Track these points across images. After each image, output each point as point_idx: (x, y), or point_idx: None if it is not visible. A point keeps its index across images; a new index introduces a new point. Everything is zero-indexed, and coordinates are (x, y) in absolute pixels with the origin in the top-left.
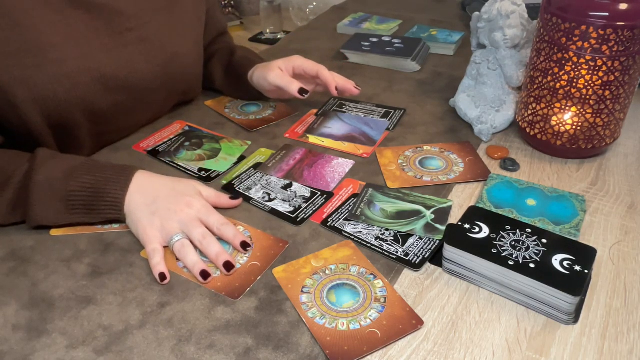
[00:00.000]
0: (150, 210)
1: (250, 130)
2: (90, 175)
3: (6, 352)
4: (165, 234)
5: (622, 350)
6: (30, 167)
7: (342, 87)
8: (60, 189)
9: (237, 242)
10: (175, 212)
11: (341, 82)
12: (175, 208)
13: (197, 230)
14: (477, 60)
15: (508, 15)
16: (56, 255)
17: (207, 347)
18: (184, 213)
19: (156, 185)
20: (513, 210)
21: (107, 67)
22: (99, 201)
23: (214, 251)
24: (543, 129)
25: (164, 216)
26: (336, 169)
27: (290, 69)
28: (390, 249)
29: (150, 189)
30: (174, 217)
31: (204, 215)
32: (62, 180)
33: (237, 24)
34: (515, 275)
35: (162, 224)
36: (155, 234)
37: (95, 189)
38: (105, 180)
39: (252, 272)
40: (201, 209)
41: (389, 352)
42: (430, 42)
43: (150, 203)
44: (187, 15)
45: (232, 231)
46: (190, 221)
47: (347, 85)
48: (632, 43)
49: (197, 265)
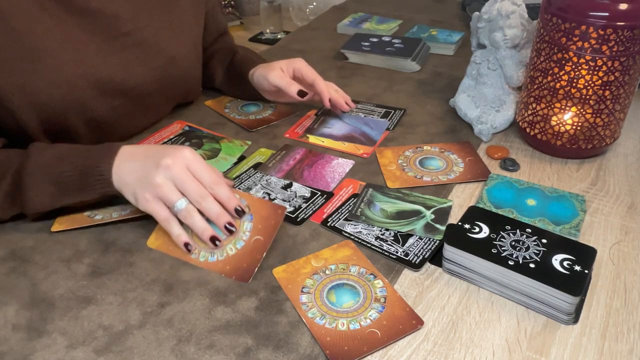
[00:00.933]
0: (140, 177)
1: (250, 130)
2: (79, 155)
3: (6, 352)
4: (168, 201)
5: (622, 350)
6: (23, 158)
7: (334, 100)
8: (52, 173)
9: (232, 206)
10: (166, 168)
11: (335, 95)
12: (164, 162)
13: (193, 188)
14: (477, 60)
15: (508, 15)
16: (56, 255)
17: (207, 347)
18: (174, 164)
19: (142, 149)
20: (513, 210)
21: (104, 72)
22: (88, 177)
23: (215, 212)
24: (543, 129)
25: (153, 177)
26: (336, 169)
27: (290, 71)
28: (390, 249)
29: (136, 156)
30: (165, 174)
31: (196, 168)
32: (53, 164)
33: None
34: (515, 275)
35: (156, 193)
36: (158, 205)
37: (83, 166)
38: (93, 157)
39: (257, 249)
40: (192, 159)
41: (389, 352)
42: (430, 42)
43: (139, 168)
44: (184, 18)
45: (226, 192)
46: (185, 177)
47: (339, 100)
48: (632, 43)
49: (206, 231)
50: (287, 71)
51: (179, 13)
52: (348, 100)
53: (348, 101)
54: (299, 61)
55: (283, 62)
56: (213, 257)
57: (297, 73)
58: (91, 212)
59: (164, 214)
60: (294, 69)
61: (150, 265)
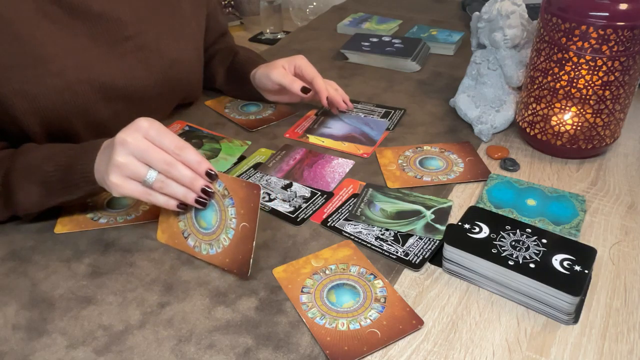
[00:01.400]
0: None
1: (250, 130)
2: (65, 155)
3: (6, 352)
4: (136, 177)
5: (622, 350)
6: (13, 159)
7: (332, 98)
8: (38, 173)
9: (202, 169)
10: (123, 144)
11: (333, 93)
12: (119, 139)
13: (157, 157)
14: (477, 60)
15: (508, 15)
16: (56, 255)
17: (207, 347)
18: (130, 137)
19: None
20: (513, 210)
21: (106, 77)
22: (72, 176)
23: (188, 177)
24: (543, 129)
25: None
26: (336, 169)
27: (292, 68)
28: (390, 249)
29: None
30: (124, 148)
31: (155, 136)
32: (39, 164)
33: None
34: (515, 275)
35: (122, 172)
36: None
37: (67, 165)
38: (76, 156)
39: (247, 236)
40: (149, 127)
41: (389, 352)
42: (430, 42)
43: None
44: (186, 21)
45: (194, 156)
46: (145, 147)
47: (337, 98)
48: (632, 43)
49: (189, 194)
50: (289, 69)
51: (180, 16)
52: (346, 99)
53: (346, 101)
54: (299, 58)
55: (284, 60)
56: (212, 249)
57: (298, 70)
58: (94, 214)
59: (139, 189)
60: (295, 66)
61: (150, 265)
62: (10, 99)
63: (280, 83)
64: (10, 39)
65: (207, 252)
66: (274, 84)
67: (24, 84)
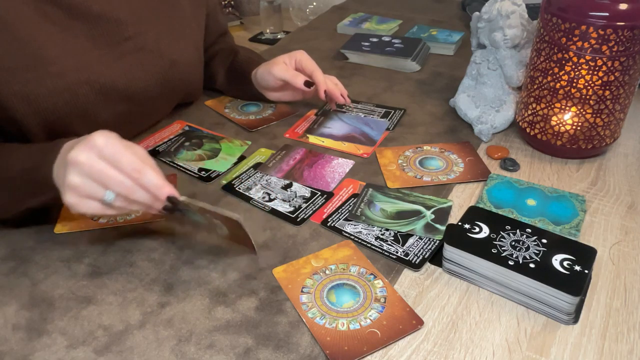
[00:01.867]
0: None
1: (250, 130)
2: (28, 157)
3: (6, 352)
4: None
5: (622, 350)
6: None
7: (330, 92)
8: (3, 178)
9: (163, 195)
10: (76, 165)
11: (331, 87)
12: (72, 159)
13: (114, 181)
14: (477, 60)
15: (508, 15)
16: (56, 255)
17: (207, 347)
18: (84, 157)
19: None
20: (513, 210)
21: (106, 78)
22: (33, 183)
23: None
24: (543, 129)
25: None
26: (336, 169)
27: (293, 63)
28: (390, 249)
29: (63, 152)
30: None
31: (111, 155)
32: (5, 168)
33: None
34: (515, 275)
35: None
36: (86, 203)
37: (28, 170)
38: (38, 161)
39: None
40: (104, 145)
41: (389, 352)
42: (430, 42)
43: (60, 170)
44: (186, 22)
45: (154, 179)
46: (100, 170)
47: (335, 92)
48: (632, 43)
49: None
50: (290, 63)
51: (180, 16)
52: (345, 94)
53: (344, 95)
54: (300, 53)
55: (285, 55)
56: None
57: (298, 65)
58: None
59: (99, 207)
60: (296, 61)
61: (150, 265)
62: (11, 101)
63: (282, 78)
64: (10, 40)
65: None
66: (277, 80)
67: (24, 86)
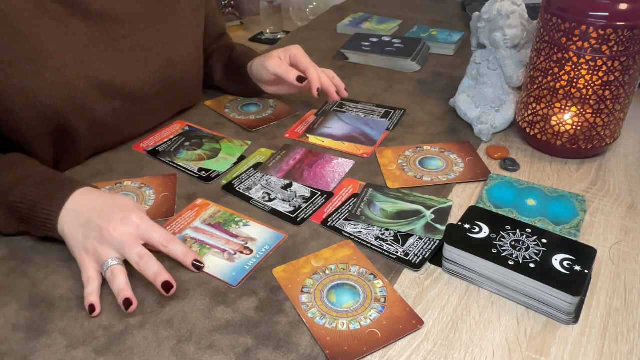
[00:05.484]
0: (84, 233)
1: (250, 130)
2: (34, 187)
3: (6, 352)
4: (99, 260)
5: (622, 350)
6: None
7: (325, 88)
8: (5, 198)
9: (189, 261)
10: (108, 232)
11: (326, 83)
12: (108, 226)
13: (134, 251)
14: (477, 60)
15: (508, 15)
16: (56, 255)
17: (207, 347)
18: (118, 231)
19: (91, 202)
20: (513, 210)
21: (104, 74)
22: (34, 216)
23: (152, 271)
24: (543, 129)
25: (97, 238)
26: (336, 169)
27: (287, 58)
28: (390, 249)
29: (85, 208)
30: (107, 239)
31: (145, 231)
32: (8, 189)
33: (237, 24)
34: (515, 275)
35: (95, 250)
36: (90, 262)
37: (32, 202)
38: (43, 196)
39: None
40: (140, 223)
41: (389, 352)
42: (430, 42)
43: (84, 224)
44: (185, 21)
45: (181, 248)
46: (127, 240)
47: (329, 88)
48: (632, 43)
49: (121, 293)
50: (285, 58)
51: (180, 16)
52: (341, 88)
53: (341, 90)
54: (295, 48)
55: (280, 50)
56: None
57: (293, 60)
58: None
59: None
60: (290, 56)
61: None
62: (10, 94)
63: (275, 73)
64: (11, 33)
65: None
66: (270, 74)
67: (23, 79)
